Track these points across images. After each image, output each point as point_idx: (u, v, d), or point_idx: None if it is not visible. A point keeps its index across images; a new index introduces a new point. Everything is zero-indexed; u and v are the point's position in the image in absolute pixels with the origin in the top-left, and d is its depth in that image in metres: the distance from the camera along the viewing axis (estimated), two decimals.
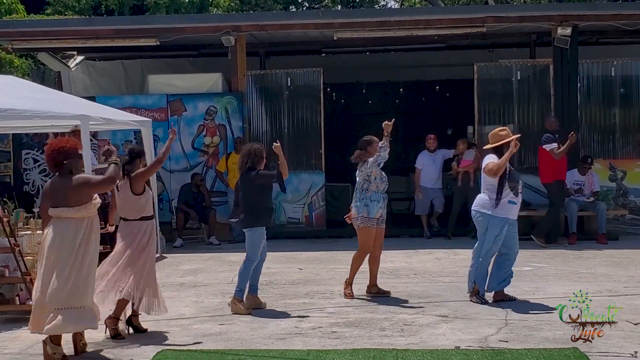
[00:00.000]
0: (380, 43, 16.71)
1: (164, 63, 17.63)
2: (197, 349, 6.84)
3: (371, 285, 9.06)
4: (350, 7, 29.81)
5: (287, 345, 6.88)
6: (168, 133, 8.23)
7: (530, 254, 11.90)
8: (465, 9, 14.25)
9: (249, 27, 14.66)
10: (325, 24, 14.61)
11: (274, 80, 15.21)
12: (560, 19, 14.04)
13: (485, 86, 14.68)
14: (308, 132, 14.88)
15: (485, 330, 7.23)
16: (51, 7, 25.79)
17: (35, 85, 11.55)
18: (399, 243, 13.30)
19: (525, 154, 14.57)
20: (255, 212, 8.29)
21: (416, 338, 7.01)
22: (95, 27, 15.20)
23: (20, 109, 9.09)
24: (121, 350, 6.87)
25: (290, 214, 14.66)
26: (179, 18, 18.97)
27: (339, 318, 7.90)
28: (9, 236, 7.85)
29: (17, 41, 15.14)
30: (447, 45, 16.70)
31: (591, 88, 14.50)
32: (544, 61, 14.72)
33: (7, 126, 11.31)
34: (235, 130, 14.60)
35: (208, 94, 14.79)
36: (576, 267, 10.74)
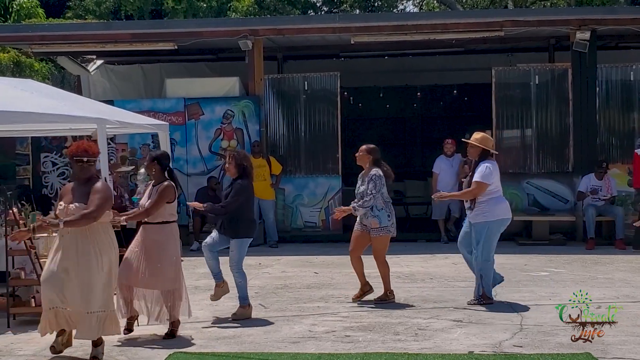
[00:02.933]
0: (398, 47, 16.70)
1: (182, 67, 17.72)
2: (209, 351, 6.85)
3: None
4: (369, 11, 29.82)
5: (299, 348, 6.88)
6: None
7: (547, 259, 11.86)
8: (482, 13, 14.16)
9: (267, 31, 14.69)
10: (342, 28, 14.62)
11: (292, 84, 15.22)
12: (579, 23, 13.97)
13: (504, 90, 14.62)
14: (325, 136, 14.88)
15: (500, 335, 7.19)
16: (71, 11, 25.98)
17: (53, 89, 11.61)
18: (415, 247, 13.29)
19: (544, 158, 14.51)
20: (247, 222, 8.31)
21: (430, 343, 6.98)
22: (113, 32, 15.29)
23: (39, 112, 9.14)
24: (134, 352, 6.89)
25: (307, 218, 14.66)
26: (197, 22, 19.02)
27: (353, 322, 7.89)
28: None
29: (37, 45, 15.27)
30: (465, 49, 16.67)
31: (610, 92, 14.38)
32: (563, 65, 14.64)
33: (26, 129, 11.41)
34: (252, 134, 14.63)
35: (225, 98, 14.83)
36: (594, 272, 10.67)
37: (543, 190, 14.30)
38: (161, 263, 7.47)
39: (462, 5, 27.94)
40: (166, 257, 7.52)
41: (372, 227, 8.76)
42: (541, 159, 14.52)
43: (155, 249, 7.50)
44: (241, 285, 8.23)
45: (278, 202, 14.66)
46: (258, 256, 12.85)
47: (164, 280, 7.49)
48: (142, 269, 7.44)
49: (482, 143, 8.71)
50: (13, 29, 16.87)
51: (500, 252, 12.59)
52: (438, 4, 29.89)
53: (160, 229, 7.58)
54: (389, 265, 8.96)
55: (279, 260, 12.37)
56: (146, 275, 7.43)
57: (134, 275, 7.46)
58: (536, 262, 11.67)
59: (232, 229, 8.17)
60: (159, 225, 7.58)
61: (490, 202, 8.55)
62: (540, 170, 14.47)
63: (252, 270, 11.45)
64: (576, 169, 14.07)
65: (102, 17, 25.63)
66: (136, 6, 25.60)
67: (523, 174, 14.47)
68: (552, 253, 12.40)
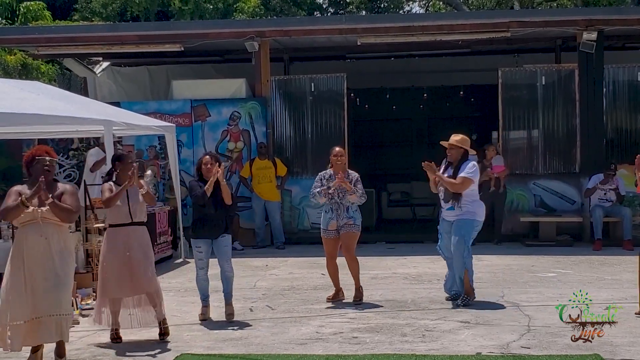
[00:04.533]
0: (404, 48, 16.69)
1: (189, 69, 17.72)
2: (217, 353, 6.85)
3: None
4: (375, 12, 29.79)
5: (307, 350, 6.87)
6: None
7: (554, 260, 11.84)
8: (489, 14, 14.12)
9: (273, 32, 14.70)
10: (348, 29, 14.61)
11: (298, 85, 15.22)
12: (586, 23, 13.94)
13: (510, 91, 14.60)
14: (331, 138, 14.83)
15: (508, 336, 7.18)
16: (78, 14, 26.01)
17: (60, 91, 11.67)
18: (422, 249, 13.27)
19: (551, 159, 14.48)
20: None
21: (437, 344, 6.97)
22: (120, 33, 15.31)
23: (46, 114, 9.16)
24: (141, 354, 6.90)
25: (314, 219, 14.62)
26: (203, 24, 19.04)
27: (360, 323, 7.88)
28: None
29: (44, 47, 15.30)
30: (472, 50, 16.65)
31: (617, 93, 14.37)
32: (569, 66, 14.61)
33: (33, 131, 11.45)
34: (259, 135, 14.63)
35: (232, 100, 14.85)
36: (601, 273, 10.64)
37: (550, 191, 14.27)
38: (151, 265, 7.47)
39: (468, 7, 27.89)
40: (152, 257, 7.57)
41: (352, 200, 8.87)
42: (548, 160, 14.51)
43: (146, 250, 7.47)
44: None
45: (285, 204, 14.66)
46: (265, 257, 12.86)
47: (152, 282, 7.43)
48: (135, 274, 7.32)
49: (464, 144, 8.85)
50: (20, 31, 16.91)
51: (507, 253, 12.71)
52: (444, 5, 29.87)
53: (145, 230, 7.60)
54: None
55: (286, 261, 12.36)
56: (137, 280, 7.32)
57: (124, 285, 7.33)
58: (543, 263, 11.65)
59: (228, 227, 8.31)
60: (144, 226, 7.58)
61: (474, 204, 8.77)
62: (547, 171, 14.45)
63: (259, 272, 11.46)
64: (583, 170, 14.05)
65: (108, 19, 25.65)
66: (142, 7, 25.62)
67: (530, 174, 14.45)
68: (559, 254, 12.37)
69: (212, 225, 8.08)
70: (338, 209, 8.92)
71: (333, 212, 8.94)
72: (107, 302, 7.40)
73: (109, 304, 7.40)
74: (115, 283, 7.30)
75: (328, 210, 8.99)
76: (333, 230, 8.97)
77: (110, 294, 7.34)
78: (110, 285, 7.31)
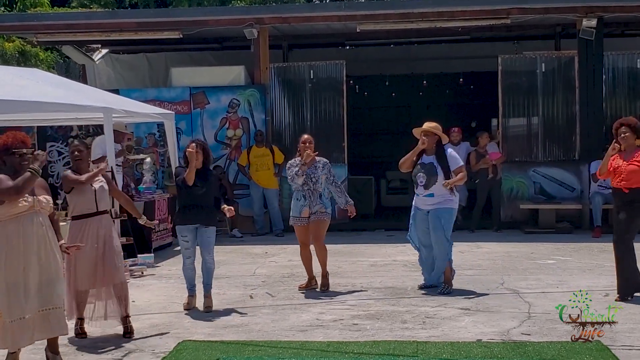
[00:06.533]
0: (404, 35, 16.64)
1: (187, 56, 17.68)
2: (218, 339, 6.85)
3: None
4: None
5: (307, 337, 6.88)
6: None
7: (554, 247, 11.86)
8: (489, 1, 14.04)
9: (272, 19, 14.65)
10: (347, 16, 14.57)
11: (297, 72, 15.19)
12: (585, 10, 13.91)
13: (510, 78, 14.57)
14: (331, 125, 14.85)
15: (508, 323, 7.19)
16: (77, 1, 25.93)
17: (59, 78, 11.62)
18: None
19: (550, 146, 14.48)
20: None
21: (438, 331, 6.98)
22: (118, 20, 15.26)
23: (45, 101, 9.14)
24: (143, 341, 6.91)
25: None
26: (202, 10, 18.98)
27: (361, 310, 7.89)
28: None
29: (42, 34, 15.26)
30: (471, 37, 16.60)
31: (616, 80, 14.36)
32: (569, 53, 14.59)
33: (32, 119, 11.42)
34: (258, 123, 14.61)
35: (231, 87, 14.81)
36: (601, 260, 10.64)
37: (549, 178, 14.26)
38: (120, 255, 7.29)
39: None
40: (120, 246, 7.41)
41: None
42: (547, 147, 14.51)
43: (114, 240, 7.24)
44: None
45: (284, 192, 14.64)
46: (264, 245, 12.87)
47: (120, 273, 7.24)
48: (104, 265, 7.08)
49: (438, 131, 8.85)
50: (18, 18, 16.84)
51: (506, 240, 12.72)
52: None
53: (109, 218, 7.42)
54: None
55: (285, 249, 12.36)
56: (107, 271, 7.08)
57: (94, 277, 7.08)
58: (543, 250, 11.66)
59: (214, 217, 8.33)
60: (108, 214, 7.37)
61: (454, 190, 8.78)
62: (547, 158, 14.45)
63: (259, 259, 11.47)
64: (583, 157, 14.04)
65: (107, 6, 25.59)
66: None
67: (529, 162, 14.45)
68: (558, 241, 12.38)
69: (196, 211, 8.06)
70: (311, 196, 8.89)
71: (306, 200, 8.90)
72: (75, 294, 7.10)
73: (75, 296, 7.11)
74: (85, 275, 7.04)
75: (300, 198, 8.95)
76: (305, 217, 8.94)
77: (80, 286, 7.07)
78: (80, 277, 7.05)
